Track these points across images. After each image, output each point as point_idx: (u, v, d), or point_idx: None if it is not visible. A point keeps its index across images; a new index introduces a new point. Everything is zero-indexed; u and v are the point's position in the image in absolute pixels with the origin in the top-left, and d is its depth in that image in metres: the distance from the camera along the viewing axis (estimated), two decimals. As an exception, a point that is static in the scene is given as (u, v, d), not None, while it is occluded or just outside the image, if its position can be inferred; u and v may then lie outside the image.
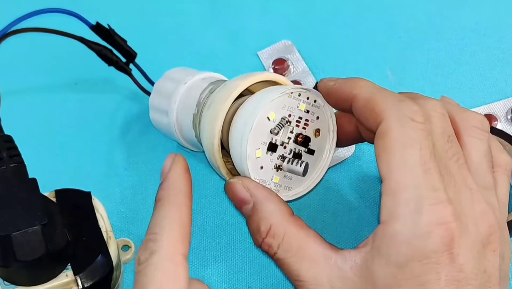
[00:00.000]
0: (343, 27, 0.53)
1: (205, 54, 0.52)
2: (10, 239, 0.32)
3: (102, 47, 0.45)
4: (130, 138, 0.47)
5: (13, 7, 0.45)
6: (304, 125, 0.35)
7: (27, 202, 0.33)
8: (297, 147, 0.35)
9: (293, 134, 0.35)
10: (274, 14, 0.54)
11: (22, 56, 0.52)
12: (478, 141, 0.31)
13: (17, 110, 0.49)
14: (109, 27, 0.44)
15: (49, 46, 0.50)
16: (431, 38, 0.52)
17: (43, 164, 0.45)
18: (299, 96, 0.34)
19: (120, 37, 0.45)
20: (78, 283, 0.35)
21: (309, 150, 0.36)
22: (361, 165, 0.46)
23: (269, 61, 0.51)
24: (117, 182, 0.45)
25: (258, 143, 0.34)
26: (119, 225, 0.43)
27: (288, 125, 0.34)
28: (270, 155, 0.35)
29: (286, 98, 0.34)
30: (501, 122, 0.46)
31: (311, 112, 0.35)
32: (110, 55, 0.45)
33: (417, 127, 0.28)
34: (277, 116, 0.34)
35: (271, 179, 0.35)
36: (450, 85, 0.49)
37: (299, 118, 0.35)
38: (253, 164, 0.34)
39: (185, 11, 0.55)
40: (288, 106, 0.34)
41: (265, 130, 0.34)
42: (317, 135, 0.36)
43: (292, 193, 0.36)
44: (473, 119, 0.32)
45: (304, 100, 0.35)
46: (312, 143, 0.36)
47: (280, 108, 0.34)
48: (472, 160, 0.30)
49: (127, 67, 0.46)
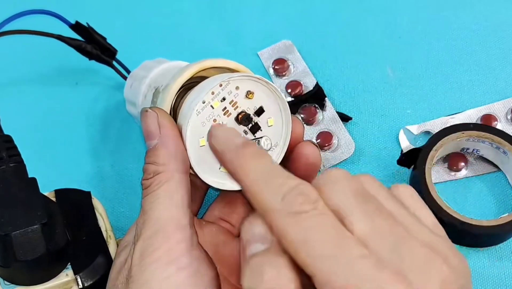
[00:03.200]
0: (343, 27, 0.53)
1: (205, 54, 0.51)
2: (10, 238, 0.32)
3: (80, 42, 0.45)
4: (131, 138, 0.48)
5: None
6: (233, 106, 0.34)
7: (27, 202, 0.33)
8: (245, 127, 0.34)
9: (233, 121, 0.34)
10: (274, 14, 0.54)
11: (10, 58, 0.52)
12: (380, 190, 0.29)
13: (17, 110, 0.49)
14: (88, 25, 0.45)
15: (43, 47, 0.50)
16: (431, 38, 0.52)
17: (43, 164, 0.45)
18: (212, 94, 0.33)
19: (100, 35, 0.45)
20: (78, 283, 0.35)
21: (255, 124, 0.35)
22: (360, 165, 0.46)
23: (269, 61, 0.51)
24: (117, 181, 0.45)
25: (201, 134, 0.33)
26: (118, 224, 0.43)
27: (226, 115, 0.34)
28: None
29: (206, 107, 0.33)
30: (501, 122, 0.46)
31: (228, 94, 0.34)
32: (89, 49, 0.45)
33: (308, 217, 0.26)
34: (206, 134, 0.33)
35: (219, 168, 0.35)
36: (450, 85, 0.49)
37: (223, 109, 0.34)
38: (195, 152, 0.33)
39: (185, 11, 0.55)
40: (208, 116, 0.33)
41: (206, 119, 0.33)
42: (250, 97, 0.34)
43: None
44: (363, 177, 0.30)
45: (222, 90, 0.34)
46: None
47: (201, 126, 0.33)
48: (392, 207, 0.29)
49: (108, 58, 0.46)
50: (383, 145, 0.47)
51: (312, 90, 0.49)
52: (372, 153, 0.46)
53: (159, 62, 0.42)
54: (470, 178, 0.45)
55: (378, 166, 0.46)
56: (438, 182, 0.44)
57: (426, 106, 0.48)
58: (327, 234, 0.26)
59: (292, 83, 0.49)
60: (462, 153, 0.45)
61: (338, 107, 0.48)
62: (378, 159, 0.46)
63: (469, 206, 0.44)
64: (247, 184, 0.29)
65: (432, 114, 0.48)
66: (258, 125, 0.35)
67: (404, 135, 0.46)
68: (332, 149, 0.46)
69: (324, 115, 0.48)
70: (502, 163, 0.44)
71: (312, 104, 0.48)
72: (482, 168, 0.45)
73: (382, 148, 0.46)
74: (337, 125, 0.47)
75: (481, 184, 0.45)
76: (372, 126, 0.47)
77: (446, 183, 0.44)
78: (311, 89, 0.49)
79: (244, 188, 0.29)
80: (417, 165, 0.42)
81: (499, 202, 0.44)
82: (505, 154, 0.43)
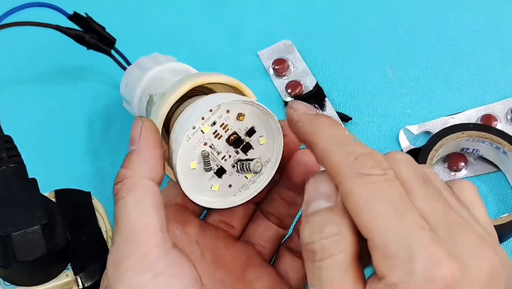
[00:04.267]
0: (343, 27, 0.53)
1: (205, 54, 0.52)
2: (11, 239, 0.32)
3: (78, 32, 0.45)
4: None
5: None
6: (224, 129, 0.34)
7: (27, 202, 0.33)
8: (234, 149, 0.34)
9: (224, 143, 0.34)
10: (274, 14, 0.54)
11: (9, 55, 0.52)
12: (439, 181, 0.30)
13: (17, 110, 0.49)
14: (87, 15, 0.45)
15: (34, 45, 0.51)
16: (431, 38, 0.52)
17: (43, 164, 0.45)
18: (202, 120, 0.33)
19: (98, 24, 0.45)
20: (78, 283, 0.35)
21: (246, 144, 0.34)
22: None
23: (269, 61, 0.51)
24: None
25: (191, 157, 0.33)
26: (119, 225, 0.43)
27: (213, 151, 0.34)
28: (226, 174, 0.34)
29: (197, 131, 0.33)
30: (501, 122, 0.46)
31: (218, 118, 0.33)
32: (87, 38, 0.45)
33: (377, 179, 0.27)
34: (196, 157, 0.33)
35: (211, 187, 0.34)
36: (450, 85, 0.49)
37: (214, 132, 0.33)
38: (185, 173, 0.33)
39: (185, 11, 0.55)
40: (198, 140, 0.33)
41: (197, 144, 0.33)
42: (241, 119, 0.34)
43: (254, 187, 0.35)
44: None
45: (213, 115, 0.33)
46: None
47: (192, 150, 0.33)
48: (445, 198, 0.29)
49: (107, 47, 0.46)
50: (383, 145, 0.47)
51: (312, 90, 0.49)
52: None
53: (154, 61, 0.42)
54: (470, 178, 0.45)
55: (378, 166, 0.46)
56: (438, 182, 0.44)
57: (426, 106, 0.48)
58: (392, 199, 0.27)
59: (292, 83, 0.49)
60: (462, 153, 0.45)
61: (338, 107, 0.48)
62: (378, 159, 0.46)
63: (469, 206, 0.44)
64: (322, 145, 0.29)
65: (432, 114, 0.48)
66: (250, 145, 0.34)
67: (404, 135, 0.46)
68: (332, 149, 0.46)
69: (324, 116, 0.48)
70: (502, 163, 0.44)
71: (312, 105, 0.48)
72: (482, 168, 0.45)
73: (382, 148, 0.46)
74: (337, 125, 0.47)
75: (481, 184, 0.45)
76: (372, 127, 0.48)
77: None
78: (311, 89, 0.49)
79: (318, 150, 0.29)
80: (417, 165, 0.42)
81: (499, 202, 0.44)
82: (505, 154, 0.43)
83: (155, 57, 0.43)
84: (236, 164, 0.34)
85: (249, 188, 0.35)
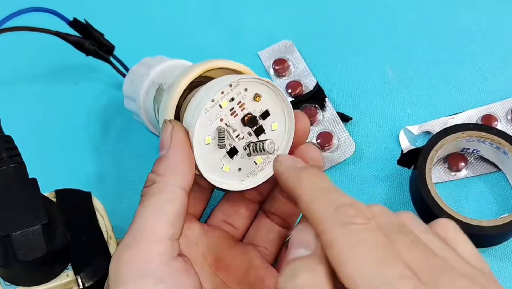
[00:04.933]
0: (343, 27, 0.53)
1: (206, 54, 0.52)
2: (11, 239, 0.32)
3: (78, 38, 0.45)
4: (131, 138, 0.48)
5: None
6: (240, 107, 0.34)
7: (27, 202, 0.33)
8: (250, 129, 0.35)
9: (238, 122, 0.34)
10: (274, 14, 0.54)
11: (9, 57, 0.52)
12: (418, 226, 0.30)
13: (17, 110, 0.49)
14: (86, 21, 0.45)
15: (33, 46, 0.51)
16: (431, 38, 0.52)
17: (43, 164, 0.45)
18: (222, 94, 0.33)
19: (97, 31, 0.45)
20: (78, 283, 0.35)
21: (259, 127, 0.35)
22: (361, 164, 0.46)
23: (269, 61, 0.51)
24: (117, 181, 0.45)
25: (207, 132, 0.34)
26: (119, 224, 0.43)
27: (229, 128, 0.34)
28: (237, 156, 0.35)
29: (215, 105, 0.33)
30: (501, 122, 0.46)
31: (237, 94, 0.34)
32: (86, 45, 0.45)
33: (360, 228, 0.27)
34: (212, 133, 0.34)
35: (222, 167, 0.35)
36: (450, 86, 0.49)
37: (231, 109, 0.34)
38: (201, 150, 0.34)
39: (185, 11, 0.55)
40: (215, 114, 0.34)
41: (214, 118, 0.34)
42: (258, 100, 0.34)
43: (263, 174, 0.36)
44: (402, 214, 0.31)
45: (232, 90, 0.34)
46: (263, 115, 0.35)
47: (208, 125, 0.33)
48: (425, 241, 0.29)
49: (106, 54, 0.46)
50: (383, 145, 0.47)
51: (312, 90, 0.49)
52: (372, 153, 0.46)
53: (159, 60, 0.42)
54: (470, 178, 0.45)
55: (378, 166, 0.46)
56: (438, 182, 0.44)
57: (426, 106, 0.48)
58: (375, 248, 0.26)
59: (292, 83, 0.49)
60: (462, 153, 0.45)
61: (338, 107, 0.48)
62: (378, 159, 0.46)
63: (469, 206, 0.44)
64: (305, 197, 0.29)
65: (432, 115, 0.48)
66: (263, 128, 0.35)
67: (404, 135, 0.46)
68: (332, 149, 0.46)
69: (324, 116, 0.48)
70: (502, 163, 0.44)
71: (312, 105, 0.48)
72: (482, 168, 0.45)
73: (382, 148, 0.46)
74: (337, 125, 0.47)
75: (481, 184, 0.45)
76: (372, 127, 0.48)
77: (446, 183, 0.45)
78: (311, 89, 0.49)
79: (301, 202, 0.29)
80: (417, 165, 0.42)
81: (499, 202, 0.44)
82: (505, 154, 0.43)
83: (160, 57, 0.43)
84: (248, 146, 0.35)
85: (257, 175, 0.36)
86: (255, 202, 0.38)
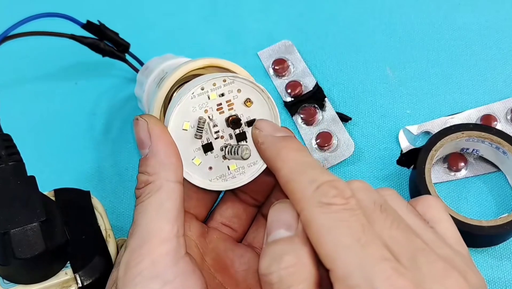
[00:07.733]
0: (343, 27, 0.53)
1: (205, 54, 0.51)
2: (9, 236, 0.32)
3: (93, 40, 0.45)
4: (131, 138, 0.48)
5: (5, 14, 0.45)
6: (228, 106, 0.33)
7: (25, 199, 0.33)
8: (231, 131, 0.34)
9: (222, 121, 0.33)
10: (274, 14, 0.54)
11: (19, 59, 0.52)
12: (400, 204, 0.29)
13: (16, 110, 0.49)
14: (100, 23, 0.45)
15: (44, 48, 0.50)
16: (431, 38, 0.52)
17: (42, 163, 0.45)
18: (213, 86, 0.33)
19: (112, 31, 0.45)
20: (77, 281, 0.35)
21: (242, 133, 0.34)
22: (360, 165, 0.46)
23: (269, 61, 0.51)
24: (117, 181, 0.45)
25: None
26: (118, 224, 0.43)
27: (210, 122, 0.33)
28: (211, 153, 0.34)
29: (194, 99, 0.33)
30: (501, 122, 0.46)
31: (228, 92, 0.33)
32: (102, 46, 0.45)
33: (339, 209, 0.26)
34: (192, 120, 0.33)
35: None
36: (450, 86, 0.49)
37: (218, 104, 0.33)
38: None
39: (185, 11, 0.55)
40: (201, 103, 0.33)
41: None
42: (248, 105, 0.34)
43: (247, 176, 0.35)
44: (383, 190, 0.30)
45: (219, 85, 0.33)
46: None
47: (191, 111, 0.33)
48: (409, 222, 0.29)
49: (121, 54, 0.46)
50: (383, 145, 0.47)
51: (312, 90, 0.49)
52: (372, 153, 0.46)
53: (179, 57, 0.42)
54: (470, 178, 0.45)
55: (378, 166, 0.46)
56: (438, 182, 0.44)
57: (426, 106, 0.48)
58: (354, 229, 0.26)
59: (291, 83, 0.49)
60: (461, 153, 0.45)
61: (338, 107, 0.48)
62: (378, 159, 0.46)
63: (469, 206, 0.44)
64: (284, 172, 0.28)
65: (432, 115, 0.48)
66: (245, 135, 0.34)
67: (404, 135, 0.46)
68: (332, 149, 0.46)
69: (324, 116, 0.48)
70: (501, 163, 0.44)
71: (312, 105, 0.48)
72: (482, 168, 0.45)
73: (382, 148, 0.46)
74: (337, 125, 0.47)
75: (481, 184, 0.45)
76: (372, 127, 0.47)
77: (446, 183, 0.44)
78: (311, 89, 0.49)
79: (280, 176, 0.29)
80: (417, 165, 0.42)
81: (499, 202, 0.44)
82: (505, 154, 0.43)
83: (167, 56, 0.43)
84: (225, 147, 0.34)
85: (227, 181, 0.35)
86: (253, 206, 0.38)
